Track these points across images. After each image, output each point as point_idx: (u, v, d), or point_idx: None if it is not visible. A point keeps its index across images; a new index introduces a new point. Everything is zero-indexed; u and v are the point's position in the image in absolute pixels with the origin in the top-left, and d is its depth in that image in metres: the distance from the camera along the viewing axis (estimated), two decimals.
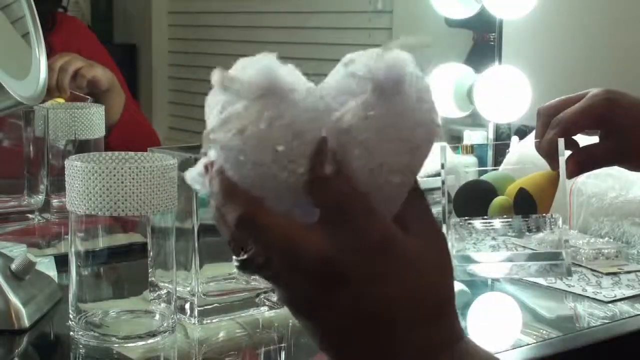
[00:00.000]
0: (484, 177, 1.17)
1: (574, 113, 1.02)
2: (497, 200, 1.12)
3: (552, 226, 1.10)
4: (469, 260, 1.13)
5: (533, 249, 1.31)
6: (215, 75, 0.50)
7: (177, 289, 0.98)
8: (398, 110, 0.50)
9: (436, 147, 0.58)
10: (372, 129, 0.49)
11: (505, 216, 1.11)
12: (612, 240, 1.31)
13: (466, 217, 1.12)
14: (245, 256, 0.53)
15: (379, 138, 0.50)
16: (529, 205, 1.10)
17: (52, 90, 1.54)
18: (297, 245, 0.51)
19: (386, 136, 0.50)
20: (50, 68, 1.54)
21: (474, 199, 1.12)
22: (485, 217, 1.12)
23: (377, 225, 0.52)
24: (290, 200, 0.51)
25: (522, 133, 1.64)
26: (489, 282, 1.24)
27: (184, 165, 0.97)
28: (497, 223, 1.11)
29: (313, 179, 0.51)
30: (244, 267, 0.54)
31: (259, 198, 0.51)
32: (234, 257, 0.53)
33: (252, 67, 0.49)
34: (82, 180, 0.90)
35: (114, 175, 0.89)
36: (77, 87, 1.59)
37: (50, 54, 1.65)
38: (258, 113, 0.48)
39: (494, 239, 1.39)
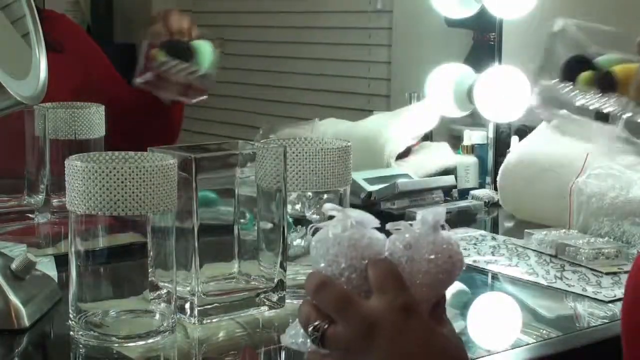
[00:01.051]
0: (599, 59, 1.18)
1: None
2: (585, 73, 1.13)
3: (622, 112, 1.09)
4: None
5: (534, 250, 1.31)
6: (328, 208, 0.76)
7: (177, 288, 0.98)
8: (432, 240, 0.74)
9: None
10: (412, 250, 0.74)
11: (588, 90, 1.11)
12: (612, 240, 1.31)
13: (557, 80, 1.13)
14: (316, 322, 0.72)
15: (419, 257, 0.74)
16: (609, 85, 1.09)
17: (182, 33, 1.52)
18: (352, 301, 0.72)
19: (423, 256, 0.73)
20: (175, 13, 1.53)
21: (571, 66, 1.14)
22: (571, 86, 1.13)
23: (405, 295, 0.72)
24: (354, 285, 0.74)
25: (522, 133, 1.64)
26: (489, 282, 1.24)
27: (184, 165, 0.97)
28: (577, 94, 1.11)
29: (371, 261, 0.73)
30: (315, 329, 0.72)
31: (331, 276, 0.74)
32: (308, 328, 0.73)
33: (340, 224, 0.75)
34: (82, 180, 0.90)
35: (114, 175, 0.89)
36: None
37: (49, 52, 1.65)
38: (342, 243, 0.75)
39: (493, 238, 1.39)
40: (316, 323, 0.72)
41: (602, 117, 1.60)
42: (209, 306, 1.01)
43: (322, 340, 0.72)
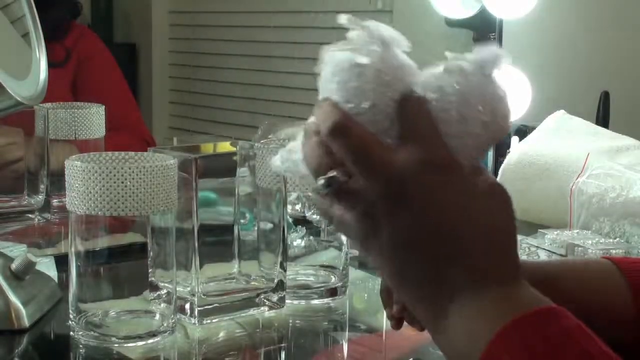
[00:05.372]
0: None
1: None
2: None
3: None
4: None
5: (546, 249, 1.31)
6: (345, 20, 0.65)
7: (177, 289, 0.98)
8: (482, 83, 0.62)
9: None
10: (459, 93, 0.61)
11: None
12: (622, 241, 1.30)
13: None
14: (332, 174, 0.60)
15: (464, 100, 0.60)
16: None
17: None
18: (376, 155, 0.58)
19: (470, 100, 0.60)
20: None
21: None
22: None
23: (442, 148, 0.59)
24: (379, 128, 0.60)
25: (522, 133, 1.64)
26: None
27: (184, 165, 0.97)
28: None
29: (403, 100, 0.60)
30: (328, 184, 0.60)
31: (351, 113, 0.59)
32: (319, 180, 0.60)
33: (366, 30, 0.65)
34: (82, 180, 0.90)
35: (114, 175, 0.89)
36: None
37: (66, 60, 1.67)
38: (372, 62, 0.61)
39: None
40: (332, 174, 0.60)
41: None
42: (209, 306, 1.01)
43: (337, 194, 0.60)
